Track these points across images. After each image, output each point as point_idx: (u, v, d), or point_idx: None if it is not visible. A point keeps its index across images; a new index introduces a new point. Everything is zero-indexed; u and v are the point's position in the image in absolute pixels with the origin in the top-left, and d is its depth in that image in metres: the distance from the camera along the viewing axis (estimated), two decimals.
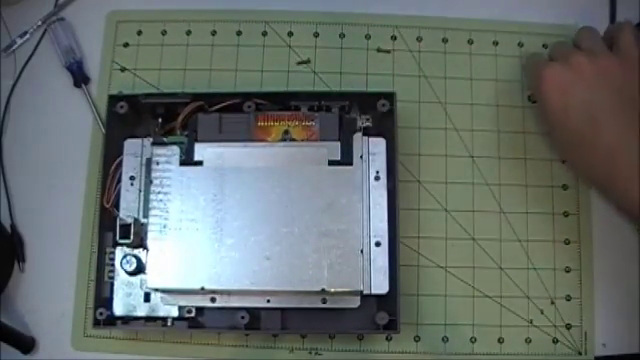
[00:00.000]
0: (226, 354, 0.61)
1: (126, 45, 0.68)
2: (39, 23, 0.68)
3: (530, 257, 0.63)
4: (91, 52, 0.67)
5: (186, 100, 0.60)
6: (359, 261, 0.56)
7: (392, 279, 0.57)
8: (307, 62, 0.67)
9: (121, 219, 0.58)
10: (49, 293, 0.62)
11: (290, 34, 0.68)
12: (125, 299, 0.58)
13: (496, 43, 0.68)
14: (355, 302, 0.58)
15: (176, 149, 0.59)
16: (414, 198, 0.64)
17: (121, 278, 0.58)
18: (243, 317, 0.57)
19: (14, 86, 0.67)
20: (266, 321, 0.59)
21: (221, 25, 0.68)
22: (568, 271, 0.63)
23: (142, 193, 0.59)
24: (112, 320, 0.58)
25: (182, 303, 0.58)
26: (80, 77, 0.66)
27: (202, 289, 0.56)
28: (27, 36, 0.68)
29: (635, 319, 0.62)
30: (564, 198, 0.65)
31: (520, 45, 0.68)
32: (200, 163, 0.58)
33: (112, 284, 0.59)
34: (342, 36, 0.68)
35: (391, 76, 0.67)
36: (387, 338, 0.62)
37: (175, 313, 0.58)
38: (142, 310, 0.58)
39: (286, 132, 0.60)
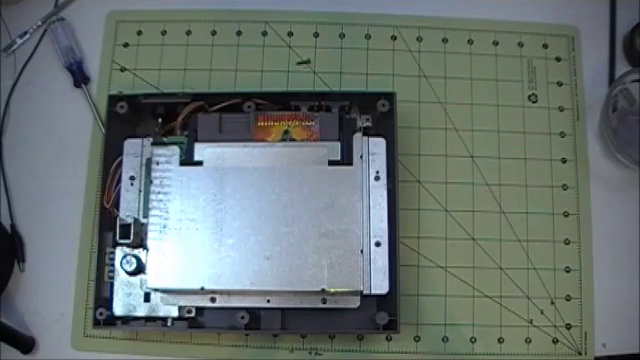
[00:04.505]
0: (226, 354, 0.61)
1: (126, 45, 0.68)
2: (39, 23, 0.68)
3: (530, 257, 0.63)
4: (91, 52, 0.68)
5: (186, 100, 0.60)
6: (359, 261, 0.56)
7: (392, 279, 0.57)
8: (307, 62, 0.67)
9: (121, 219, 0.58)
10: (49, 293, 0.63)
11: (290, 34, 0.68)
12: (125, 299, 0.58)
13: (496, 43, 0.68)
14: (355, 302, 0.58)
15: (176, 149, 0.59)
16: (414, 198, 0.64)
17: (121, 278, 0.58)
18: (243, 317, 0.57)
19: (14, 86, 0.67)
20: (266, 321, 0.59)
21: (221, 25, 0.68)
22: (568, 271, 0.63)
23: (142, 193, 0.59)
24: (112, 320, 0.58)
25: (182, 303, 0.58)
26: (80, 77, 0.66)
27: (202, 289, 0.56)
28: (27, 36, 0.68)
29: (635, 319, 0.62)
30: (564, 198, 0.65)
31: (520, 45, 0.68)
32: (200, 163, 0.58)
33: (112, 284, 0.59)
34: (342, 36, 0.68)
35: (391, 76, 0.67)
36: (387, 338, 0.62)
37: (175, 313, 0.58)
38: (142, 310, 0.58)
39: (286, 132, 0.60)
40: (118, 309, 0.58)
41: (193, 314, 0.58)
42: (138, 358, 0.61)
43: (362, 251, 0.56)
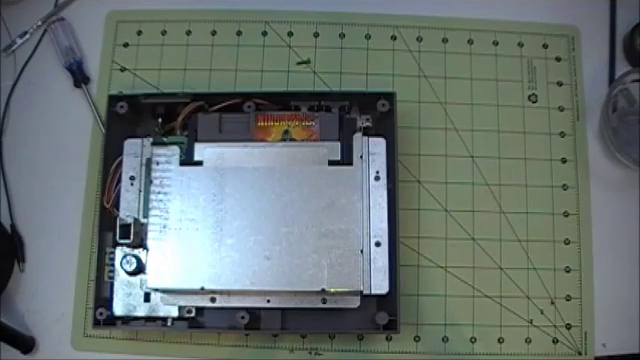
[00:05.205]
0: (226, 354, 0.61)
1: (126, 45, 0.68)
2: (39, 23, 0.68)
3: (530, 257, 0.63)
4: (91, 52, 0.68)
5: (186, 100, 0.60)
6: (359, 261, 0.56)
7: (392, 279, 0.57)
8: (307, 62, 0.67)
9: (121, 219, 0.58)
10: (49, 293, 0.63)
11: (290, 34, 0.68)
12: (125, 299, 0.58)
13: (496, 43, 0.68)
14: (355, 302, 0.58)
15: (176, 149, 0.59)
16: (414, 198, 0.64)
17: (121, 278, 0.58)
18: (243, 317, 0.57)
19: (14, 86, 0.67)
20: (266, 321, 0.59)
21: (221, 25, 0.68)
22: (568, 271, 0.63)
23: (142, 193, 0.59)
24: (112, 320, 0.58)
25: (182, 303, 0.58)
26: (80, 77, 0.66)
27: (202, 289, 0.56)
28: (27, 36, 0.68)
29: (635, 319, 0.62)
30: (564, 198, 0.65)
31: (520, 45, 0.68)
32: (200, 163, 0.58)
33: (112, 284, 0.59)
34: (342, 36, 0.68)
35: (391, 76, 0.67)
36: (387, 338, 0.62)
37: (175, 313, 0.58)
38: (142, 310, 0.58)
39: (286, 132, 0.60)
40: (118, 309, 0.58)
41: (193, 314, 0.58)
42: (138, 358, 0.61)
43: (362, 251, 0.56)
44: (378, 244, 0.57)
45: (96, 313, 0.58)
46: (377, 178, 0.58)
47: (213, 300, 0.58)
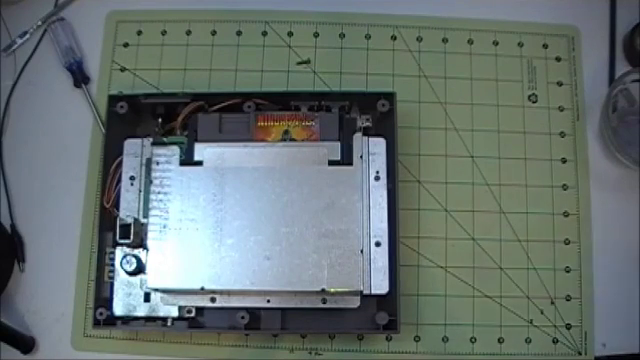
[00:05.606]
0: (226, 354, 0.61)
1: (126, 45, 0.68)
2: (39, 23, 0.68)
3: (530, 257, 0.63)
4: (91, 52, 0.68)
5: (186, 100, 0.60)
6: (359, 261, 0.56)
7: (392, 279, 0.57)
8: (307, 62, 0.67)
9: (121, 219, 0.58)
10: (49, 293, 0.63)
11: (290, 34, 0.68)
12: (125, 299, 0.58)
13: (496, 43, 0.68)
14: (355, 302, 0.58)
15: (176, 149, 0.59)
16: (414, 198, 0.64)
17: (121, 278, 0.58)
18: (243, 317, 0.57)
19: (14, 86, 0.67)
20: (266, 321, 0.59)
21: (221, 25, 0.68)
22: (568, 271, 0.63)
23: (142, 193, 0.59)
24: (112, 320, 0.58)
25: (182, 303, 0.58)
26: (80, 77, 0.66)
27: (202, 289, 0.56)
28: (27, 36, 0.68)
29: (635, 319, 0.62)
30: (564, 198, 0.65)
31: (520, 45, 0.68)
32: (200, 163, 0.58)
33: (112, 284, 0.59)
34: (342, 36, 0.68)
35: (391, 76, 0.67)
36: (387, 338, 0.62)
37: (175, 313, 0.58)
38: (142, 310, 0.58)
39: (286, 132, 0.60)
40: (118, 309, 0.58)
41: (193, 314, 0.58)
42: (138, 358, 0.61)
43: (362, 251, 0.56)
44: (378, 244, 0.57)
45: (96, 313, 0.58)
46: (377, 178, 0.58)
47: (213, 300, 0.58)
